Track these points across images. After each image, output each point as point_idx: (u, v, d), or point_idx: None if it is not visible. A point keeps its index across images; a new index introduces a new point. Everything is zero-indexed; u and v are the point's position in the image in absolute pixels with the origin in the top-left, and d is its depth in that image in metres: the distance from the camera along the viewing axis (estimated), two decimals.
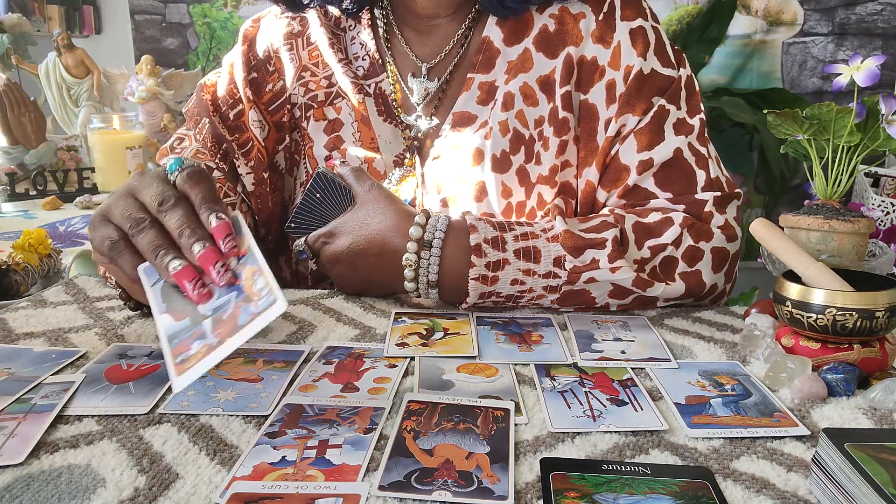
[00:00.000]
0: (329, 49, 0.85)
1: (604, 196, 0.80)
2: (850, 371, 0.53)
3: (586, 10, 0.80)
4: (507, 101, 0.80)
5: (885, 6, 2.53)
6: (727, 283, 0.76)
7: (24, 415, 0.48)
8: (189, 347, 0.45)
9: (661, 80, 0.78)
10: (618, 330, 0.66)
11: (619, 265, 0.67)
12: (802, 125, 0.66)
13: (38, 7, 2.57)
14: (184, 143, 0.85)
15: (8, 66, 1.87)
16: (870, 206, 1.90)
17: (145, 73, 1.85)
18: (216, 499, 0.40)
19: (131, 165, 1.65)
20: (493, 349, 0.61)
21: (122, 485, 0.41)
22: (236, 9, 2.72)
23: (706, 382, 0.55)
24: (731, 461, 0.44)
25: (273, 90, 0.86)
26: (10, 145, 1.67)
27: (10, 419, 0.48)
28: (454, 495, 0.40)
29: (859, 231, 0.63)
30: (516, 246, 0.68)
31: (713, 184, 0.77)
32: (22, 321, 0.67)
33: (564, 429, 0.48)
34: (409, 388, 0.54)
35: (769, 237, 0.61)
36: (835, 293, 0.54)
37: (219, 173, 0.83)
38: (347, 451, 0.44)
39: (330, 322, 0.68)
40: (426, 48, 0.85)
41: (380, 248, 0.70)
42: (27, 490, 0.40)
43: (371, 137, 0.84)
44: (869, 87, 0.63)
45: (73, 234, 1.31)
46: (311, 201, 0.75)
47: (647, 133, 0.77)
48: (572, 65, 0.79)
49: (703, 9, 2.57)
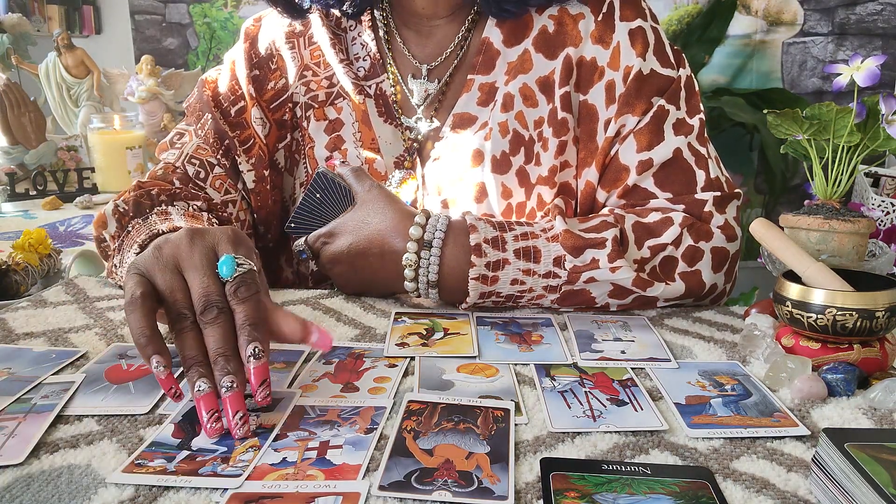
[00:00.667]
0: (330, 49, 0.85)
1: (603, 196, 0.80)
2: (850, 371, 0.53)
3: (585, 10, 0.80)
4: (507, 102, 0.80)
5: (885, 6, 2.53)
6: (727, 283, 0.76)
7: (25, 415, 0.48)
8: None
9: (660, 81, 0.78)
10: (618, 330, 0.66)
11: (618, 265, 0.67)
12: (802, 125, 0.66)
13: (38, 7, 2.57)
14: (184, 138, 0.85)
15: (8, 66, 1.87)
16: (870, 206, 1.90)
17: (145, 73, 1.85)
18: (216, 498, 0.40)
19: (131, 165, 1.65)
20: (493, 349, 0.61)
21: (123, 485, 0.41)
22: (236, 9, 2.72)
23: (706, 382, 0.55)
24: (731, 461, 0.44)
25: (275, 88, 0.86)
26: (10, 145, 1.67)
27: (10, 419, 0.48)
28: (454, 495, 0.40)
29: (859, 231, 0.63)
30: (516, 246, 0.68)
31: (713, 184, 0.77)
32: (22, 321, 0.67)
33: (564, 429, 0.48)
34: (409, 388, 0.54)
35: (769, 237, 0.61)
36: (835, 293, 0.54)
37: (220, 169, 0.83)
38: (348, 451, 0.44)
39: (330, 322, 0.68)
40: (426, 49, 0.85)
41: (380, 248, 0.70)
42: (27, 490, 0.40)
43: (371, 138, 0.84)
44: (869, 87, 0.63)
45: (73, 234, 1.31)
46: (311, 201, 0.75)
47: (647, 133, 0.77)
48: (571, 65, 0.79)
49: (703, 9, 2.57)
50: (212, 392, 0.45)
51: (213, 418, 0.43)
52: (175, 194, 0.75)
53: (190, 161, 0.82)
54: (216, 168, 0.82)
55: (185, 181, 0.80)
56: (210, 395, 0.45)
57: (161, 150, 0.86)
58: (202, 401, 0.45)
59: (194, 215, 0.72)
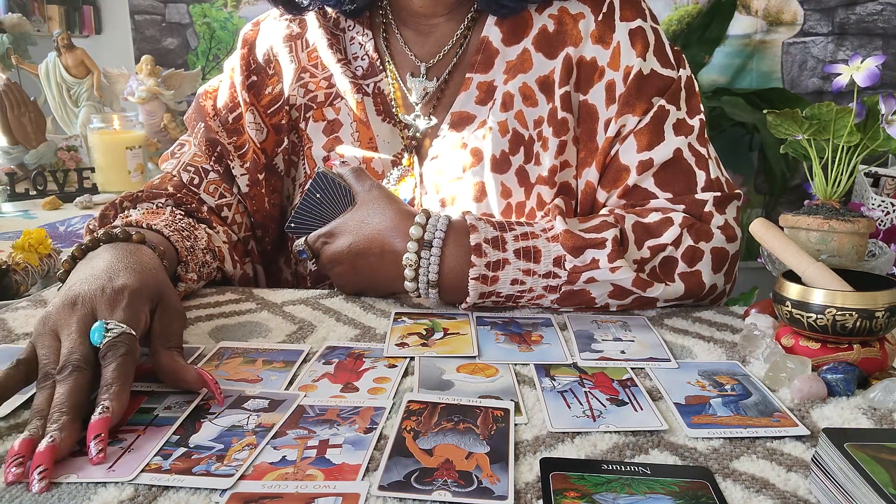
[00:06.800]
0: (328, 50, 0.85)
1: (603, 196, 0.80)
2: (850, 371, 0.53)
3: (585, 10, 0.80)
4: (507, 102, 0.80)
5: (886, 6, 2.53)
6: (727, 284, 0.76)
7: (145, 427, 0.47)
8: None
9: (660, 81, 0.78)
10: (618, 330, 0.66)
11: (618, 265, 0.67)
12: (802, 125, 0.66)
13: (38, 7, 2.57)
14: (184, 148, 0.88)
15: (8, 66, 1.87)
16: (870, 206, 1.90)
17: (145, 73, 1.85)
18: (216, 498, 0.40)
19: (131, 165, 1.65)
20: (492, 349, 0.61)
21: (122, 485, 0.41)
22: (236, 9, 2.72)
23: (706, 382, 0.55)
24: (731, 461, 0.44)
25: (272, 93, 0.87)
26: (10, 145, 1.67)
27: (128, 431, 0.47)
28: (454, 495, 0.40)
29: (859, 231, 0.63)
30: (516, 246, 0.68)
31: (713, 184, 0.77)
32: (22, 321, 0.67)
33: (564, 429, 0.48)
34: (409, 388, 0.54)
35: (769, 237, 0.61)
36: (835, 293, 0.54)
37: (214, 175, 0.85)
38: (347, 451, 0.44)
39: (330, 322, 0.68)
40: (425, 48, 0.85)
41: (380, 248, 0.70)
42: (27, 490, 0.40)
43: (369, 137, 0.84)
44: (869, 87, 0.63)
45: (73, 234, 1.31)
46: (310, 201, 0.75)
47: (647, 133, 0.77)
48: (571, 65, 0.79)
49: (703, 9, 2.57)
50: (31, 440, 0.43)
51: (15, 463, 0.42)
52: (138, 198, 0.80)
53: (185, 169, 0.84)
54: (210, 174, 0.85)
55: (180, 188, 0.83)
56: (27, 442, 0.43)
57: (163, 160, 0.89)
58: (17, 444, 0.43)
59: (155, 212, 0.77)
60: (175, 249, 0.70)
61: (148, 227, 0.70)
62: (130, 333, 0.51)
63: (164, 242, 0.69)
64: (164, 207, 0.79)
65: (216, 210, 0.84)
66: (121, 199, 0.80)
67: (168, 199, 0.81)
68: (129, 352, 0.50)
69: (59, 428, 0.44)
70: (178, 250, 0.70)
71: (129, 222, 0.71)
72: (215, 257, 0.78)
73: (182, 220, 0.76)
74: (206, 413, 0.49)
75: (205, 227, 0.80)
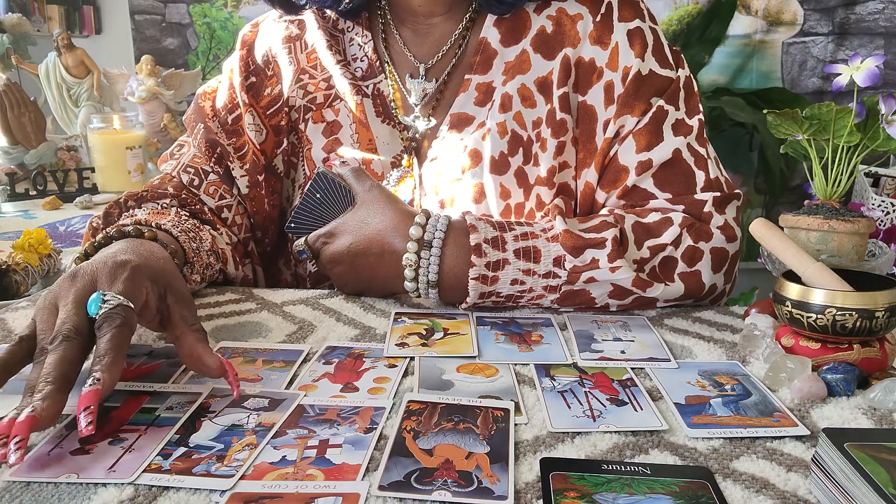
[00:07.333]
0: (327, 51, 0.85)
1: (603, 197, 0.80)
2: (850, 371, 0.53)
3: (584, 11, 0.80)
4: (505, 103, 0.80)
5: (886, 5, 2.53)
6: (727, 284, 0.76)
7: (146, 427, 0.47)
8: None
9: (659, 81, 0.78)
10: (618, 330, 0.66)
11: (618, 265, 0.67)
12: (802, 125, 0.66)
13: (38, 7, 2.57)
14: (183, 149, 0.88)
15: (8, 66, 1.87)
16: (870, 206, 1.90)
17: (145, 73, 1.85)
18: (216, 498, 0.40)
19: (131, 165, 1.65)
20: (492, 349, 0.61)
21: (123, 485, 0.41)
22: (236, 9, 2.72)
23: (706, 382, 0.55)
24: (731, 461, 0.44)
25: (271, 94, 0.87)
26: (10, 145, 1.67)
27: (130, 431, 0.47)
28: (454, 495, 0.40)
29: (859, 231, 0.63)
30: (516, 246, 0.68)
31: (712, 184, 0.77)
32: (22, 321, 0.67)
33: (564, 429, 0.48)
34: (409, 388, 0.54)
35: (769, 237, 0.61)
36: (835, 293, 0.54)
37: (214, 176, 0.85)
38: (347, 451, 0.44)
39: (330, 322, 0.68)
40: (424, 48, 0.85)
41: (380, 248, 0.70)
42: (27, 490, 0.40)
43: (369, 139, 0.84)
44: (869, 87, 0.63)
45: (73, 234, 1.31)
46: (310, 201, 0.75)
47: (646, 134, 0.77)
48: (570, 66, 0.79)
49: (703, 9, 2.57)
50: (11, 419, 0.42)
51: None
52: (143, 198, 0.79)
53: (185, 170, 0.85)
54: (210, 175, 0.85)
55: (180, 189, 0.83)
56: (11, 421, 0.42)
57: (162, 161, 0.89)
58: (3, 423, 0.42)
59: (161, 212, 0.76)
60: (183, 250, 0.70)
61: (157, 226, 0.70)
62: (128, 306, 0.50)
63: (173, 242, 0.69)
64: (169, 208, 0.79)
65: (216, 211, 0.84)
66: (125, 198, 0.80)
67: (172, 199, 0.81)
68: (125, 323, 0.49)
69: (43, 397, 0.43)
70: (186, 251, 0.70)
71: (138, 220, 0.71)
72: (218, 259, 0.78)
73: (187, 220, 0.76)
74: (207, 412, 0.49)
75: (209, 228, 0.80)
